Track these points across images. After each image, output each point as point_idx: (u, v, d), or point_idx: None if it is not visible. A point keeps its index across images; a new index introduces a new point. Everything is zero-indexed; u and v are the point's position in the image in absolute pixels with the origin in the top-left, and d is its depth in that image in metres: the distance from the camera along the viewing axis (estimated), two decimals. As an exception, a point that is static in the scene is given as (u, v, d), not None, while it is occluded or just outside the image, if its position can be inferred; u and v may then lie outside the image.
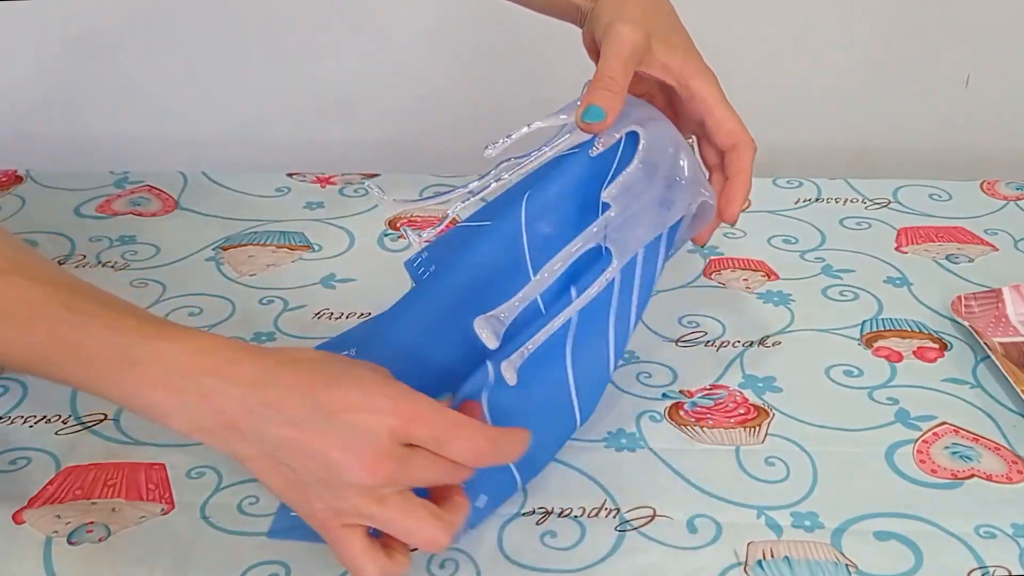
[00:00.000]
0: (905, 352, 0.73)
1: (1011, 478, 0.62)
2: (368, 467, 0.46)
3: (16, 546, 0.56)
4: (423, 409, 0.48)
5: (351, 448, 0.46)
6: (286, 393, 0.47)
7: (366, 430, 0.47)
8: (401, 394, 0.48)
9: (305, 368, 0.48)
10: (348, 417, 0.47)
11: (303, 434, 0.47)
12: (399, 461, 0.47)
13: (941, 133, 1.14)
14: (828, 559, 0.56)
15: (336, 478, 0.47)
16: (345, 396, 0.47)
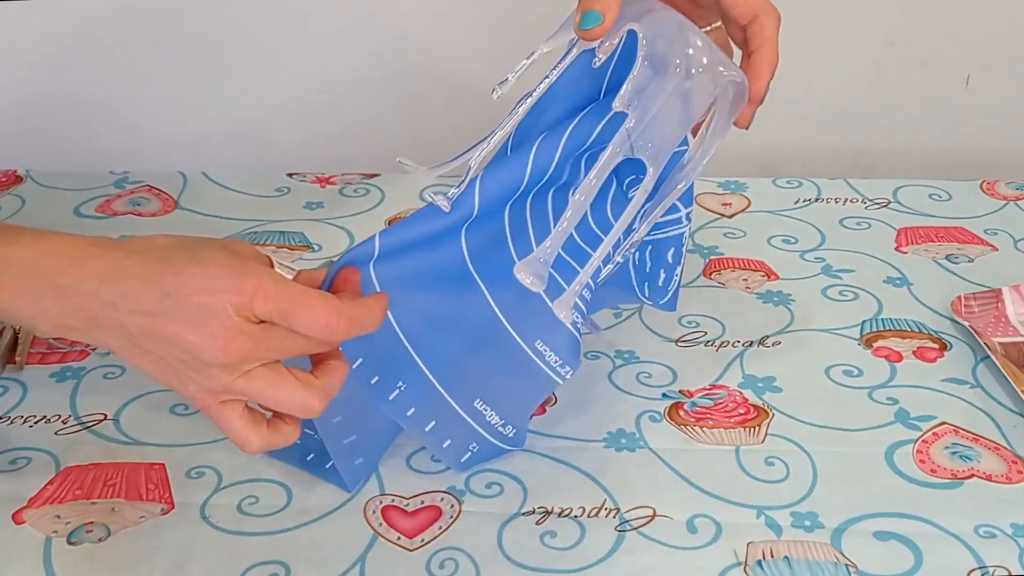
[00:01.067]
0: (905, 352, 0.73)
1: (1011, 478, 0.62)
2: (221, 346, 0.47)
3: (16, 546, 0.56)
4: (265, 284, 0.48)
5: (203, 329, 0.47)
6: (136, 283, 0.47)
7: (212, 310, 0.47)
8: (245, 271, 0.48)
9: (153, 256, 0.48)
10: (195, 299, 0.47)
11: (158, 321, 0.47)
12: (252, 336, 0.47)
13: (941, 133, 1.14)
14: (828, 559, 0.56)
15: (197, 359, 0.47)
16: (190, 279, 0.47)
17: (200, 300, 0.47)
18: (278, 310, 0.48)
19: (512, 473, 0.62)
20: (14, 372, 0.70)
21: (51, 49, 1.09)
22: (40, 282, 0.48)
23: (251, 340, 0.47)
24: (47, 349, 0.72)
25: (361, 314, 0.51)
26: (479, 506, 0.60)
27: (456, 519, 0.59)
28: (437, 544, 0.57)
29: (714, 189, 0.95)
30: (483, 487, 0.61)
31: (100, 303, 0.48)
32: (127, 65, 1.09)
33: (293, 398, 0.49)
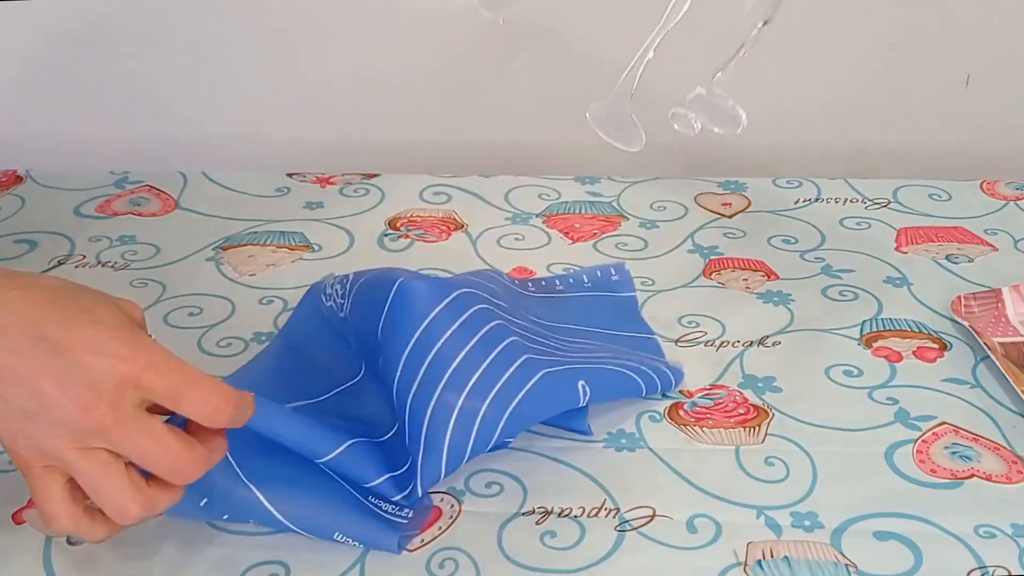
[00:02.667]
0: (905, 352, 0.73)
1: (1011, 478, 0.62)
2: (82, 408, 0.44)
3: (15, 546, 0.56)
4: (159, 359, 0.46)
5: (69, 385, 0.44)
6: (13, 318, 0.44)
7: (89, 370, 0.44)
8: (139, 341, 0.46)
9: (41, 296, 0.46)
10: (75, 355, 0.44)
11: (21, 362, 0.44)
12: (119, 413, 0.45)
13: (941, 133, 1.14)
14: (828, 559, 0.56)
15: (46, 414, 0.44)
16: (77, 334, 0.45)
17: (79, 357, 0.44)
18: (169, 387, 0.46)
19: (512, 473, 0.62)
20: (14, 372, 0.69)
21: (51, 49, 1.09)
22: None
23: (113, 416, 0.45)
24: (47, 349, 0.72)
25: (244, 401, 0.49)
26: (479, 506, 0.60)
27: (456, 519, 0.59)
28: (437, 544, 0.57)
29: (714, 189, 0.95)
30: (483, 487, 0.61)
31: None
32: (127, 65, 1.09)
33: (117, 496, 0.47)
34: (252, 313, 0.76)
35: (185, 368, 0.47)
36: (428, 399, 0.58)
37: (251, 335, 0.74)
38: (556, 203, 0.93)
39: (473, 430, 0.58)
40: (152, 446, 0.46)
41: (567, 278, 0.80)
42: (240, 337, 0.74)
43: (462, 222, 0.89)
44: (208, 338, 0.73)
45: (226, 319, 0.76)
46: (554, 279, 0.80)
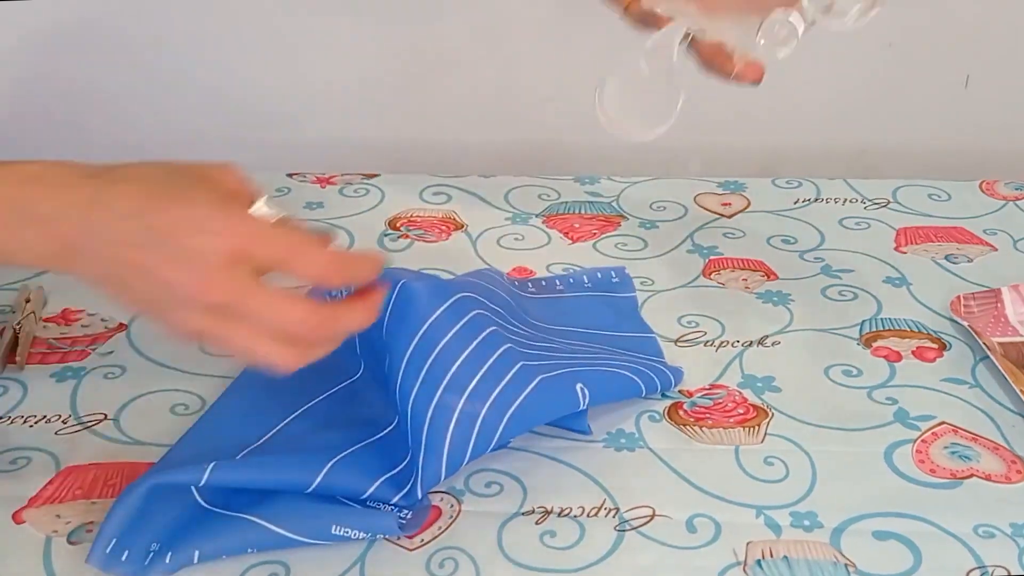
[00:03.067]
0: (904, 352, 0.73)
1: (1010, 478, 0.62)
2: (201, 288, 0.46)
3: (16, 546, 0.56)
4: (263, 230, 0.47)
5: (184, 268, 0.46)
6: (120, 215, 0.46)
7: (199, 251, 0.46)
8: (237, 216, 0.47)
9: (136, 188, 0.47)
10: (182, 239, 0.46)
11: (138, 254, 0.46)
12: (236, 285, 0.47)
13: (941, 133, 1.14)
14: (827, 559, 0.56)
15: (173, 297, 0.47)
16: (178, 218, 0.46)
17: (187, 240, 0.46)
18: (275, 255, 0.47)
19: (512, 473, 0.62)
20: (14, 372, 0.70)
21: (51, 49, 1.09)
22: (20, 212, 0.47)
23: (232, 289, 0.47)
24: (47, 349, 0.72)
25: (355, 266, 0.50)
26: (479, 506, 0.60)
27: (456, 519, 0.59)
28: (437, 544, 0.57)
29: (714, 189, 0.95)
30: (483, 487, 0.61)
31: (82, 232, 0.47)
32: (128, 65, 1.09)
33: (262, 355, 0.49)
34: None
35: (288, 236, 0.48)
36: (429, 400, 0.59)
37: (251, 335, 0.74)
38: (556, 203, 0.93)
39: (473, 433, 0.58)
40: (273, 311, 0.48)
41: (567, 278, 0.80)
42: (240, 337, 0.74)
43: (462, 222, 0.89)
44: (208, 338, 0.73)
45: (226, 319, 0.76)
46: (554, 279, 0.80)
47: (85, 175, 0.48)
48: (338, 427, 0.62)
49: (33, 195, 0.47)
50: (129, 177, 0.48)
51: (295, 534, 0.55)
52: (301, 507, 0.56)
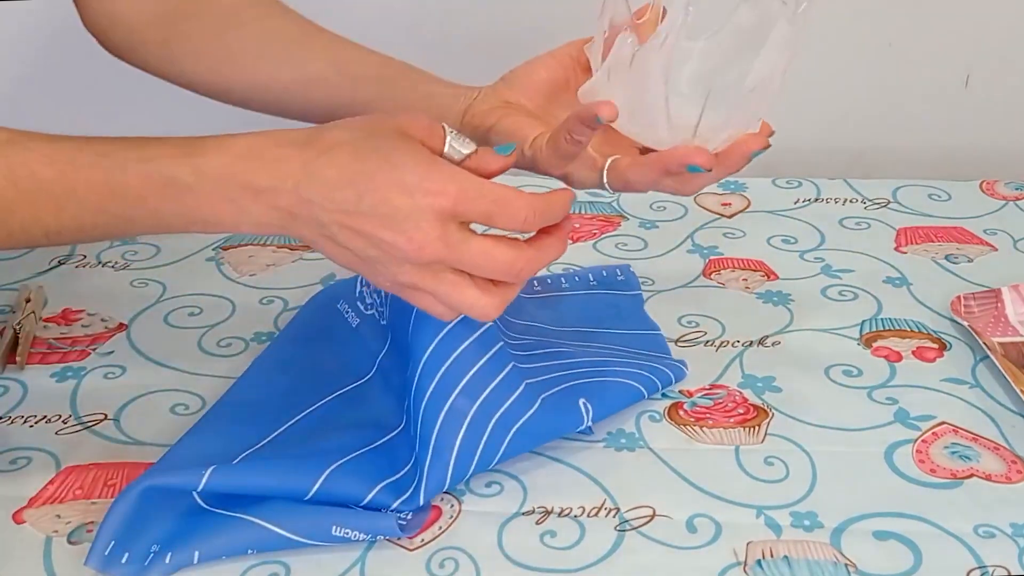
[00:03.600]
0: (904, 352, 0.73)
1: (1010, 478, 0.62)
2: (416, 247, 0.50)
3: (16, 546, 0.56)
4: (465, 187, 0.50)
5: (397, 231, 0.50)
6: (332, 184, 0.50)
7: (411, 213, 0.49)
8: (442, 175, 0.50)
9: (344, 156, 0.50)
10: (394, 202, 0.49)
11: (352, 219, 0.50)
12: (447, 244, 0.50)
13: (941, 133, 1.14)
14: (827, 559, 0.56)
15: (389, 256, 0.51)
16: (387, 183, 0.50)
17: (398, 201, 0.49)
18: (480, 211, 0.51)
19: (512, 473, 0.62)
20: (14, 372, 0.70)
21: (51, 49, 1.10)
22: (237, 187, 0.51)
23: (445, 247, 0.50)
24: (47, 349, 0.72)
25: (550, 207, 0.53)
26: (479, 506, 0.60)
27: (456, 519, 0.59)
28: (437, 544, 0.57)
29: (714, 189, 0.95)
30: (483, 487, 0.61)
31: (298, 200, 0.50)
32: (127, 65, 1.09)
33: (470, 305, 0.53)
34: (252, 313, 0.77)
35: (491, 191, 0.51)
36: (443, 403, 0.59)
37: (251, 335, 0.74)
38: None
39: (480, 445, 0.59)
40: (484, 260, 0.51)
41: (572, 276, 0.80)
42: (240, 337, 0.74)
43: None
44: (208, 338, 0.74)
45: (226, 319, 0.76)
46: (559, 277, 0.80)
47: (295, 146, 0.51)
48: (341, 430, 0.62)
49: (249, 169, 0.50)
50: (335, 145, 0.51)
51: (295, 535, 0.55)
52: (301, 508, 0.56)
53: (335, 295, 0.75)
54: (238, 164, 0.51)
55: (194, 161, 0.51)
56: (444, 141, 0.53)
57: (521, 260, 0.52)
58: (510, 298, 0.54)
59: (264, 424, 0.62)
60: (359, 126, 0.52)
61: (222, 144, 0.51)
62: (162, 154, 0.51)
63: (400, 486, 0.58)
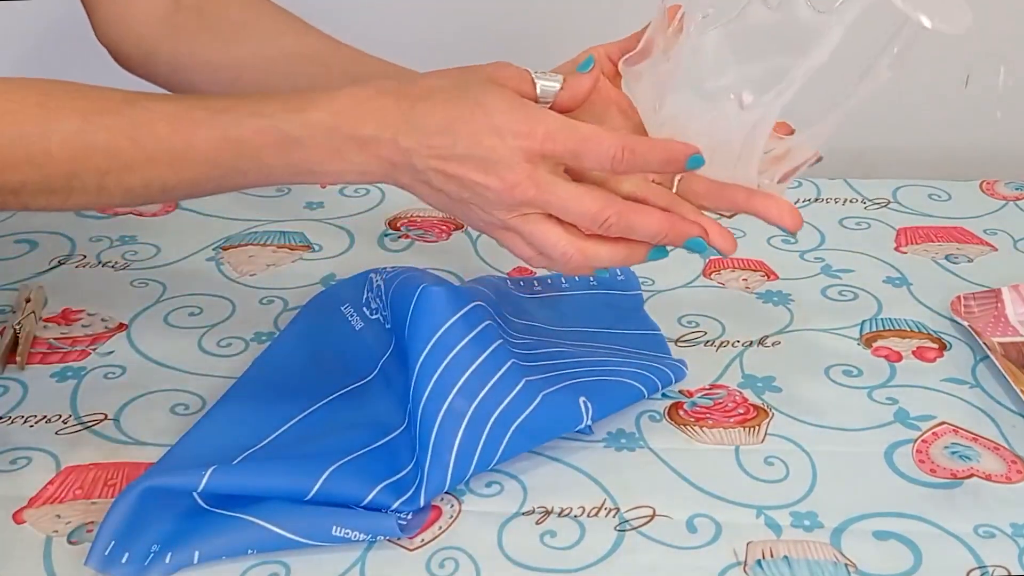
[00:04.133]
0: (904, 352, 0.73)
1: (1010, 478, 0.62)
2: (507, 188, 0.52)
3: (16, 546, 0.56)
4: (553, 128, 0.52)
5: (490, 172, 0.52)
6: (429, 131, 0.53)
7: (501, 155, 0.52)
8: (532, 117, 0.52)
9: (439, 104, 0.53)
10: (486, 142, 0.52)
11: (448, 164, 0.53)
12: (536, 185, 0.52)
13: (941, 133, 1.14)
14: (827, 559, 0.56)
15: (481, 198, 0.53)
16: (479, 128, 0.52)
17: (490, 144, 0.52)
18: (568, 151, 0.52)
19: (512, 473, 0.62)
20: (14, 372, 0.70)
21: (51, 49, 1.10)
22: (343, 139, 0.53)
23: (534, 187, 0.52)
24: (47, 349, 0.72)
25: (644, 149, 0.53)
26: (479, 506, 0.60)
27: (456, 519, 0.59)
28: (437, 544, 0.57)
29: (714, 189, 0.94)
30: (483, 487, 0.61)
31: (397, 149, 0.53)
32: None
33: (555, 247, 0.54)
34: (252, 313, 0.77)
35: (578, 129, 0.52)
36: (440, 403, 0.59)
37: (251, 335, 0.74)
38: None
39: (479, 445, 0.59)
40: (573, 203, 0.53)
41: (572, 276, 0.80)
42: (240, 337, 0.74)
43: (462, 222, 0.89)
44: (208, 338, 0.74)
45: (226, 319, 0.76)
46: (559, 277, 0.80)
47: (393, 95, 0.54)
48: (342, 430, 0.62)
49: (353, 121, 0.53)
50: (430, 92, 0.54)
51: (295, 535, 0.55)
52: (301, 508, 0.56)
53: (337, 297, 0.75)
54: (343, 116, 0.53)
55: (304, 116, 0.53)
56: (534, 84, 0.55)
57: (610, 209, 0.53)
58: (597, 254, 0.55)
59: (265, 424, 0.62)
60: (452, 75, 0.55)
61: (328, 97, 0.54)
62: (274, 109, 0.54)
63: (401, 486, 0.58)
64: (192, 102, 0.55)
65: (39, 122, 0.53)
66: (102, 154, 0.53)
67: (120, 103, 0.54)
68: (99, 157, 0.53)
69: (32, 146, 0.52)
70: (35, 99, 0.54)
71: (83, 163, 0.53)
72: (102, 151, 0.53)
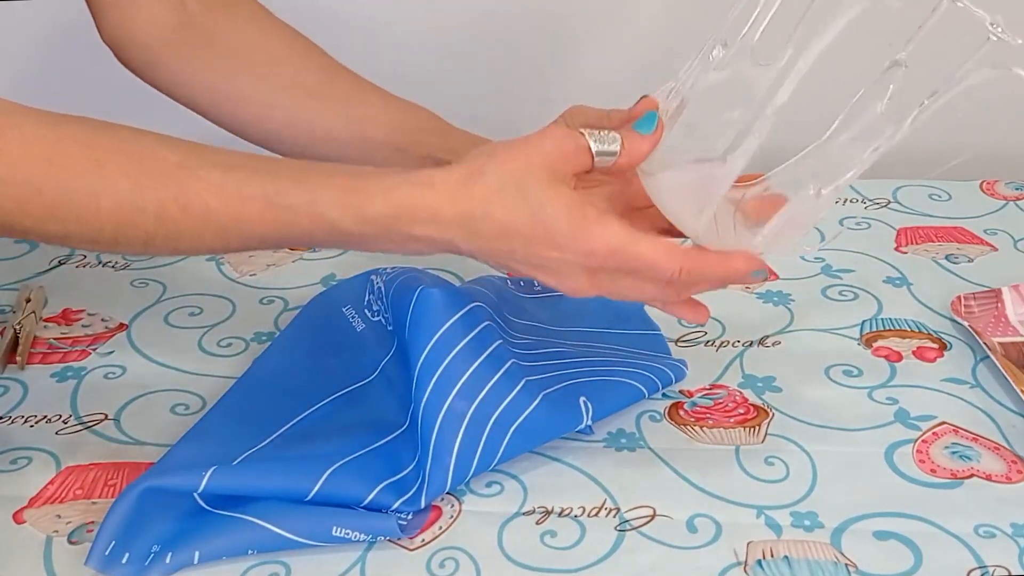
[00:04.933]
0: (905, 352, 0.73)
1: (1010, 478, 0.62)
2: (571, 290, 0.55)
3: (16, 546, 0.56)
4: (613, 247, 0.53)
5: (551, 274, 0.54)
6: (485, 238, 0.53)
7: (561, 267, 0.54)
8: (591, 236, 0.53)
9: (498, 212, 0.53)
10: (546, 255, 0.53)
11: (509, 264, 0.55)
12: (598, 286, 0.55)
13: (941, 133, 1.14)
14: (828, 559, 0.56)
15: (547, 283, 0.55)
16: (540, 240, 0.53)
17: (550, 256, 0.53)
18: (625, 267, 0.54)
19: (512, 473, 0.62)
20: (14, 372, 0.70)
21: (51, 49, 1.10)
22: (399, 235, 0.54)
23: (596, 289, 0.55)
24: (48, 349, 0.72)
25: (701, 266, 0.54)
26: (479, 506, 0.60)
27: (456, 519, 0.59)
28: (437, 544, 0.57)
29: (714, 189, 0.94)
30: (483, 487, 0.61)
31: (456, 248, 0.55)
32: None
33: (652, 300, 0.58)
34: (252, 313, 0.77)
35: (639, 249, 0.53)
36: (440, 404, 0.59)
37: (251, 335, 0.74)
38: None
39: (479, 446, 0.59)
40: (635, 294, 0.56)
41: None
42: (240, 337, 0.74)
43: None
44: (208, 338, 0.74)
45: (226, 319, 0.76)
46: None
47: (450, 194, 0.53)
48: (343, 430, 0.62)
49: (408, 223, 0.53)
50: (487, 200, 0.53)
51: (295, 535, 0.55)
52: (302, 508, 0.56)
53: (338, 298, 0.75)
54: (400, 218, 0.53)
55: (359, 212, 0.53)
56: (591, 155, 0.54)
57: (671, 290, 0.55)
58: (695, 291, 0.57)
59: (265, 424, 0.62)
60: (509, 172, 0.53)
61: (383, 192, 0.53)
62: (327, 198, 0.53)
63: (402, 486, 0.58)
64: (244, 176, 0.53)
65: (90, 179, 0.51)
66: (152, 219, 0.52)
67: (174, 167, 0.52)
68: (148, 221, 0.52)
69: (81, 203, 0.51)
70: (86, 152, 0.52)
71: (131, 225, 0.52)
72: (152, 216, 0.51)
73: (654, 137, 0.55)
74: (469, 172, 0.54)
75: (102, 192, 0.51)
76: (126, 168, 0.52)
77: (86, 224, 0.51)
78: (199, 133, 1.12)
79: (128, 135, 0.54)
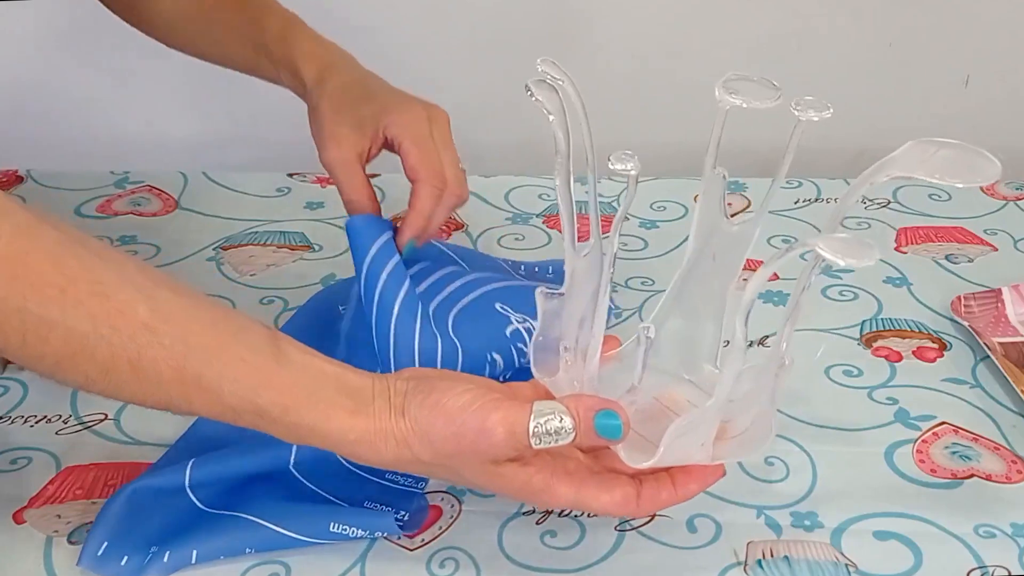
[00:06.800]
0: (905, 352, 0.73)
1: (1010, 478, 0.62)
2: (518, 498, 0.53)
3: (16, 546, 0.56)
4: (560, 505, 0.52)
5: (499, 488, 0.51)
6: (429, 467, 0.51)
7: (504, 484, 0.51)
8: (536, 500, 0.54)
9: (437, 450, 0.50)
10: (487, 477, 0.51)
11: (458, 478, 0.53)
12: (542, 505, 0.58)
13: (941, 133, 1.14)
14: (828, 559, 0.56)
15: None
16: (476, 473, 0.51)
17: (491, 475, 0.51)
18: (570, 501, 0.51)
19: (512, 473, 0.62)
20: (14, 372, 0.70)
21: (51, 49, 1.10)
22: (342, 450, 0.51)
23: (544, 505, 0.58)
24: (47, 349, 0.72)
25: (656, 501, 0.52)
26: (479, 506, 0.60)
27: (456, 519, 0.59)
28: (437, 544, 0.57)
29: (714, 189, 0.94)
30: (483, 487, 0.61)
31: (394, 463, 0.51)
32: (128, 65, 1.09)
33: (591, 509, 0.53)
34: (252, 313, 0.76)
35: (590, 507, 0.51)
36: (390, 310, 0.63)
37: (251, 335, 0.74)
38: (556, 203, 0.92)
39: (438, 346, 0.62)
40: (579, 506, 0.52)
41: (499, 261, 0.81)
42: (240, 337, 0.73)
43: (462, 222, 0.89)
44: (208, 338, 0.73)
45: (226, 319, 0.76)
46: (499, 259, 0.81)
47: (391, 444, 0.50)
48: None
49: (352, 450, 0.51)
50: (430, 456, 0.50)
51: (293, 532, 0.55)
52: (299, 506, 0.56)
53: (335, 296, 0.75)
54: (345, 444, 0.50)
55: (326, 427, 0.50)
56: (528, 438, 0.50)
57: (617, 506, 0.52)
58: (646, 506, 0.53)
59: None
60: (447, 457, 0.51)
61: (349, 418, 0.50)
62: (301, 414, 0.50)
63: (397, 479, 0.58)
64: (205, 359, 0.48)
65: (49, 308, 0.46)
66: (98, 368, 0.47)
67: (140, 327, 0.47)
68: (94, 369, 0.47)
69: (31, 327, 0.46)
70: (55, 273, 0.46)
71: (74, 367, 0.47)
72: (99, 366, 0.47)
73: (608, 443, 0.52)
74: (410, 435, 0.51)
75: (58, 325, 0.46)
76: (91, 309, 0.46)
77: (29, 347, 0.46)
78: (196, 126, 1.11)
79: (102, 270, 0.48)
